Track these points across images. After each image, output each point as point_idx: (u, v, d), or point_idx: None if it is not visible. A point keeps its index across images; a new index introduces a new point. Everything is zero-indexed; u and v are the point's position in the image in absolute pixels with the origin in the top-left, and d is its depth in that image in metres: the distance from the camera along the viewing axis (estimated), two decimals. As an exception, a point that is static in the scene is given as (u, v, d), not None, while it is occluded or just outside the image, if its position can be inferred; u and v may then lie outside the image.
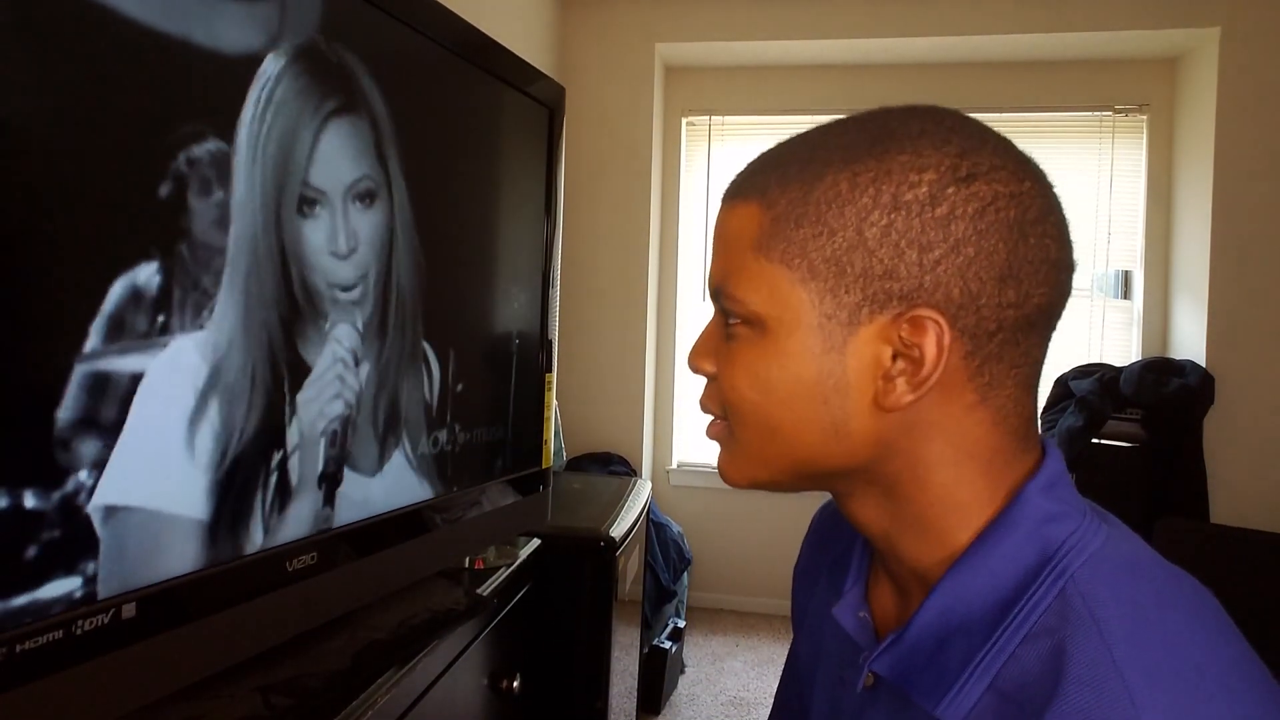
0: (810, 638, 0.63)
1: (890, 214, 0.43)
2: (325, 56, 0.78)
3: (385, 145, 0.87)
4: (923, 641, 0.46)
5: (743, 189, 0.49)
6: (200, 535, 0.68)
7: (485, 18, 1.55)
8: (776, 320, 0.46)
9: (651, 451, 3.49)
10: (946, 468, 0.46)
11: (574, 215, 3.18)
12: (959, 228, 0.42)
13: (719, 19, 3.17)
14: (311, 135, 0.76)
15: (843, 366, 0.45)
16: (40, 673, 0.55)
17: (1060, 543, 0.43)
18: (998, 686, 0.41)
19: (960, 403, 0.45)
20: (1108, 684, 0.37)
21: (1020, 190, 0.43)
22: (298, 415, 0.77)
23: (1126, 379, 2.81)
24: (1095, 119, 3.22)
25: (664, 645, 2.58)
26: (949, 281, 0.42)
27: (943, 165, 0.43)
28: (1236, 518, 2.69)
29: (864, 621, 0.53)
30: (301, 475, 0.79)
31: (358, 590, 0.90)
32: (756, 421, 0.48)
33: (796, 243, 0.45)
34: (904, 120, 0.45)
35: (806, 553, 0.67)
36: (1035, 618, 0.42)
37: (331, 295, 0.80)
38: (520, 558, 1.34)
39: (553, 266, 1.29)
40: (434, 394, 1.00)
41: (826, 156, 0.45)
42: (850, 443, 0.46)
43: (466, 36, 1.03)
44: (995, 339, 0.43)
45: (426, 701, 0.95)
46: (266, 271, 0.72)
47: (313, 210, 0.77)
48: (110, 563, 0.60)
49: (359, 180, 0.83)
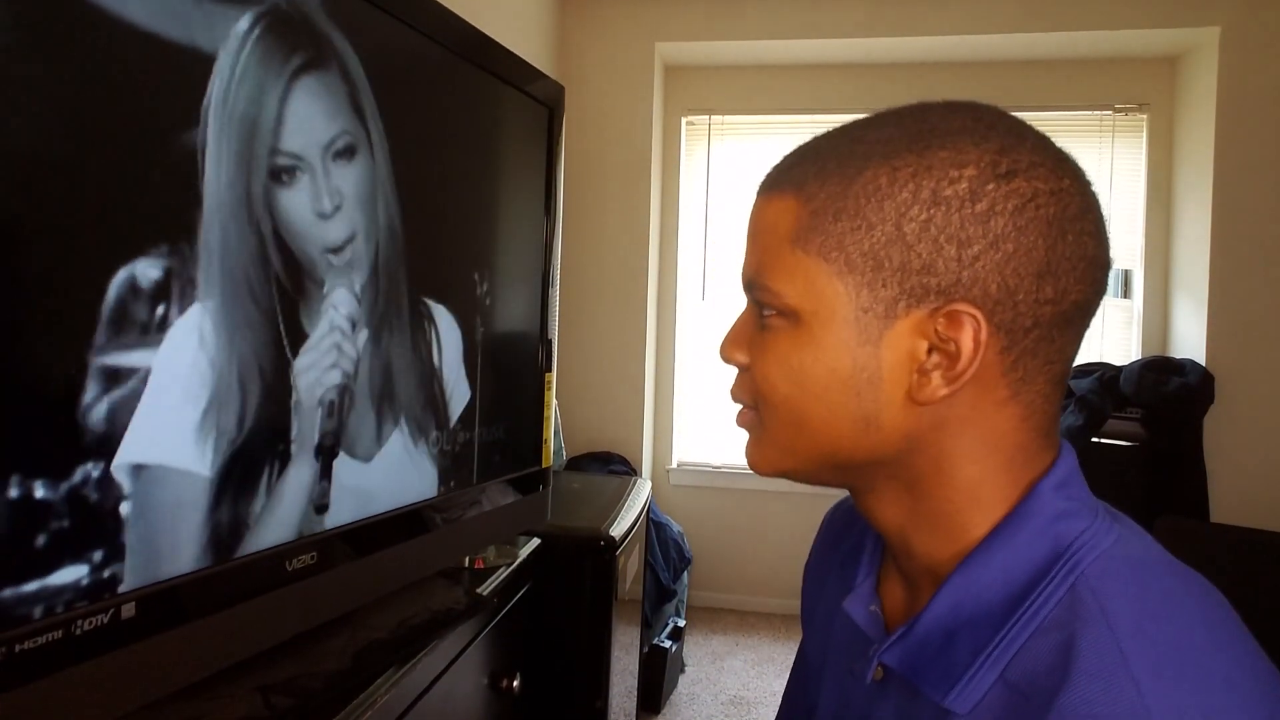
0: (819, 634, 0.63)
1: (930, 209, 0.43)
2: (290, 16, 0.75)
3: (363, 103, 0.85)
4: (933, 634, 0.46)
5: (779, 182, 0.49)
6: (208, 493, 0.70)
7: (485, 17, 1.55)
8: (812, 313, 0.46)
9: (651, 451, 3.49)
10: (972, 464, 0.46)
11: (574, 215, 3.18)
12: (998, 223, 0.42)
13: (719, 19, 3.17)
14: (277, 100, 0.73)
15: (877, 360, 0.45)
16: (40, 673, 0.55)
17: (1072, 539, 0.44)
18: (1007, 678, 0.42)
19: (992, 398, 0.45)
20: (1116, 677, 0.38)
21: (1060, 187, 0.43)
22: (297, 385, 0.78)
23: (1126, 378, 2.81)
24: (1095, 118, 3.21)
25: (664, 645, 2.58)
26: (987, 277, 0.43)
27: (983, 161, 0.43)
28: (1236, 517, 2.69)
29: (874, 615, 0.53)
30: (300, 444, 0.79)
31: (358, 590, 0.90)
32: (788, 412, 0.48)
33: (834, 236, 0.45)
34: (944, 116, 0.46)
35: (818, 551, 0.67)
36: (1046, 612, 0.42)
37: (325, 261, 0.80)
38: (520, 557, 1.34)
39: (552, 266, 1.29)
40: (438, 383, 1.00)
41: (866, 151, 0.45)
42: (880, 435, 0.46)
43: (466, 36, 1.03)
44: (1031, 335, 0.44)
45: (426, 701, 0.95)
46: (248, 246, 0.71)
47: (292, 177, 0.75)
48: (135, 520, 0.63)
49: (336, 137, 0.81)
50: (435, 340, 1.00)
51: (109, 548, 0.61)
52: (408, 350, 0.95)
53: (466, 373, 1.07)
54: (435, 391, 1.01)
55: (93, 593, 0.59)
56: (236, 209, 0.70)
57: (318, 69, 0.78)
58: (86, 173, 0.58)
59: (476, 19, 1.09)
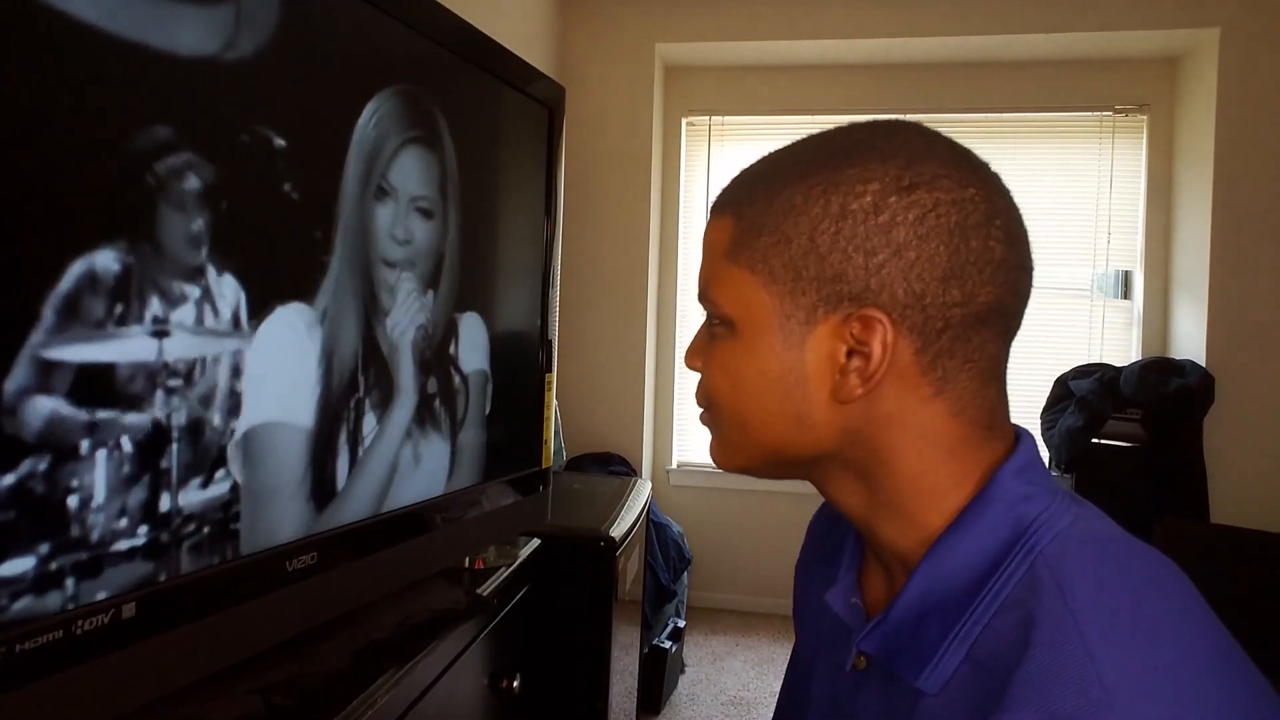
0: (809, 631, 0.65)
1: (838, 222, 0.47)
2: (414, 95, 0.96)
3: (448, 185, 1.03)
4: (906, 619, 0.48)
5: (721, 203, 0.54)
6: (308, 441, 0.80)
7: (485, 18, 1.55)
8: (744, 320, 0.50)
9: (651, 451, 3.49)
10: (910, 455, 0.49)
11: (574, 215, 3.18)
12: (900, 233, 0.46)
13: (719, 19, 3.17)
14: (391, 152, 0.93)
15: (802, 362, 0.49)
16: (40, 673, 0.55)
17: (1031, 520, 0.46)
18: (973, 656, 0.44)
19: (916, 395, 0.48)
20: (1069, 644, 0.40)
21: (963, 197, 0.46)
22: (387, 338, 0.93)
23: (1126, 379, 2.81)
24: (1095, 119, 3.22)
25: (664, 645, 2.58)
26: (893, 283, 0.46)
27: (887, 176, 0.46)
28: (1236, 518, 2.69)
29: (855, 606, 0.55)
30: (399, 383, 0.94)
31: (358, 590, 0.90)
32: (731, 413, 0.53)
33: (759, 250, 0.49)
34: (861, 136, 0.49)
35: (806, 551, 0.69)
36: (1007, 591, 0.44)
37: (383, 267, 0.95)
38: (520, 558, 1.34)
39: (553, 266, 1.29)
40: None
41: (787, 172, 0.50)
42: (815, 433, 0.50)
43: (466, 36, 1.04)
44: (944, 335, 0.47)
45: (426, 701, 0.95)
46: (360, 240, 0.88)
47: (384, 198, 0.92)
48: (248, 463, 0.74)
49: (419, 197, 0.98)
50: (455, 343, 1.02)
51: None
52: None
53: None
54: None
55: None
56: (356, 211, 0.87)
57: (424, 145, 0.97)
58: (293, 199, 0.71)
59: (476, 19, 1.09)
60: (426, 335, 0.99)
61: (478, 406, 1.10)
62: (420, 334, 0.98)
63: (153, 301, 0.64)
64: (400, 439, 0.95)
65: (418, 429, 0.98)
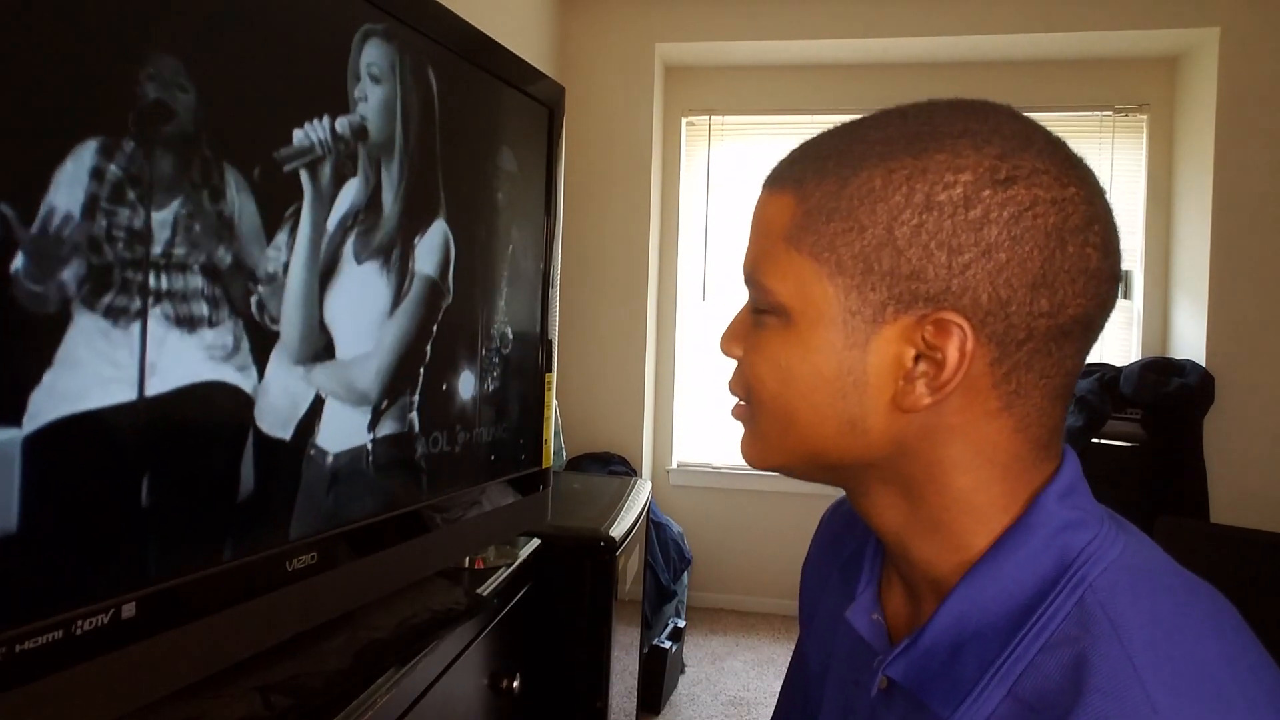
0: (821, 637, 0.62)
1: (922, 214, 0.42)
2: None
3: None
4: (938, 647, 0.45)
5: (781, 178, 0.48)
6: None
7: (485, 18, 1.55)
8: (801, 312, 0.46)
9: (651, 451, 3.49)
10: (964, 473, 0.45)
11: (574, 215, 3.18)
12: (992, 232, 0.41)
13: (719, 19, 3.17)
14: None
15: (863, 364, 0.44)
16: (40, 673, 0.55)
17: (1079, 551, 0.43)
18: (1016, 694, 0.41)
19: (983, 409, 0.44)
20: (1130, 693, 0.37)
21: (1063, 196, 0.42)
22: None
23: (1126, 379, 2.81)
24: (1095, 119, 3.22)
25: (664, 645, 2.58)
26: (978, 286, 0.41)
27: (981, 166, 0.42)
28: (1236, 518, 2.69)
29: (877, 625, 0.52)
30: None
31: (358, 590, 0.90)
32: (775, 409, 0.48)
33: (826, 237, 0.45)
34: (949, 117, 0.44)
35: (817, 549, 0.66)
36: (1055, 626, 0.41)
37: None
38: (520, 558, 1.34)
39: (553, 266, 1.29)
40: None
41: (864, 150, 0.45)
42: (867, 439, 0.46)
43: (466, 36, 1.03)
44: (1025, 347, 0.43)
45: (426, 701, 0.95)
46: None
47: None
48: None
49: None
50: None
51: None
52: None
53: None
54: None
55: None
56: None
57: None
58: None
59: (476, 19, 1.09)
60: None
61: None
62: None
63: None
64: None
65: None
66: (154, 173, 0.63)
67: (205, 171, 0.68)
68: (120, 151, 0.60)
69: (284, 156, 0.76)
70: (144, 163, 0.62)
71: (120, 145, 0.60)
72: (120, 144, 0.60)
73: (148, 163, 0.63)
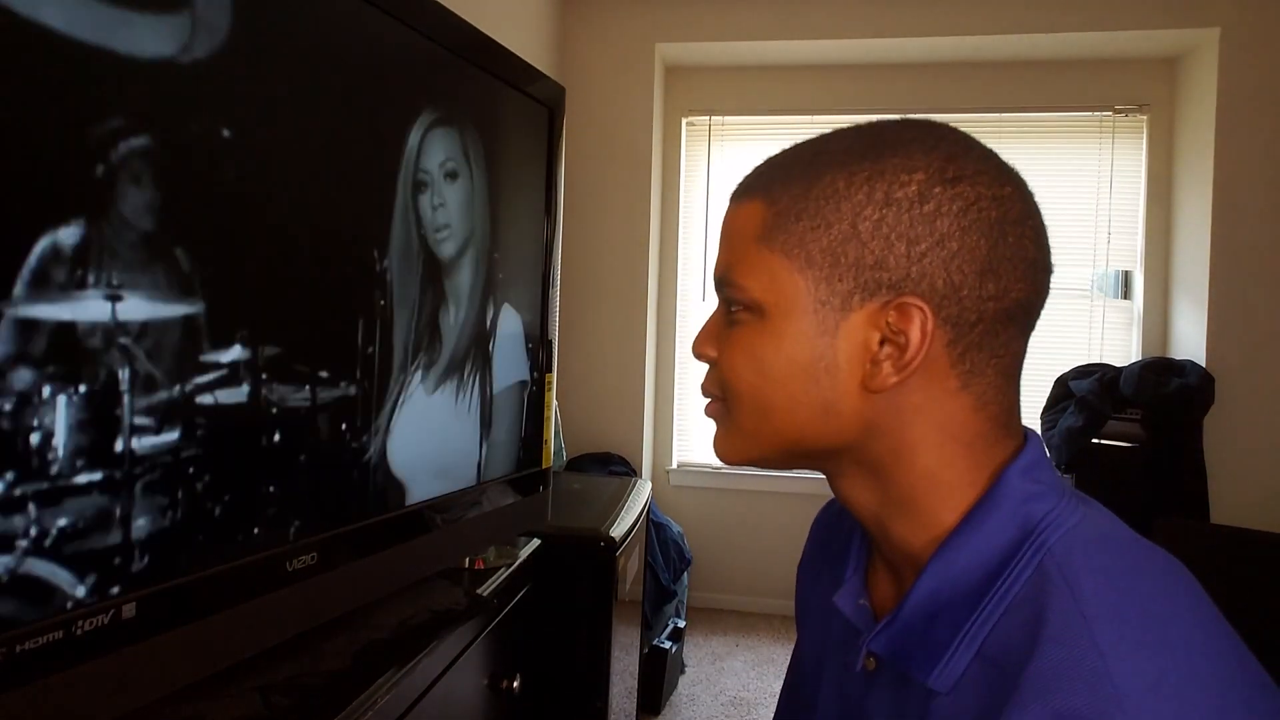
0: (815, 632, 0.65)
1: (882, 209, 0.47)
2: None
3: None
4: (916, 619, 0.49)
5: (749, 188, 0.53)
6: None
7: (485, 18, 1.55)
8: (774, 305, 0.50)
9: (651, 451, 3.49)
10: (930, 450, 0.49)
11: (574, 215, 3.18)
12: (944, 223, 0.46)
13: (719, 19, 3.17)
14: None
15: (834, 349, 0.48)
16: (40, 673, 0.55)
17: (1039, 519, 0.47)
18: (984, 653, 0.44)
19: (943, 388, 0.48)
20: (1078, 642, 0.40)
21: (1001, 193, 0.47)
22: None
23: (1126, 379, 2.81)
24: (1095, 119, 3.22)
25: (664, 645, 2.58)
26: (934, 273, 0.46)
27: (931, 167, 0.47)
28: (1236, 518, 2.69)
29: (863, 608, 0.55)
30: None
31: (358, 590, 0.90)
32: (753, 400, 0.51)
33: (796, 234, 0.49)
34: (898, 129, 0.50)
35: (810, 550, 0.69)
36: (1016, 589, 0.45)
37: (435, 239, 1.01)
38: (520, 558, 1.34)
39: (553, 266, 1.29)
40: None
41: (826, 159, 0.50)
42: (839, 422, 0.49)
43: (466, 36, 1.03)
44: (976, 329, 0.47)
45: (426, 701, 0.95)
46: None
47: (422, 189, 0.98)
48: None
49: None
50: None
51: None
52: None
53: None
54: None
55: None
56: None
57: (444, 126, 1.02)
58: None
59: (476, 19, 1.09)
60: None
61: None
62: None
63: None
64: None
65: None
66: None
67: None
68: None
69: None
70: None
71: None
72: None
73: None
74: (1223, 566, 2.27)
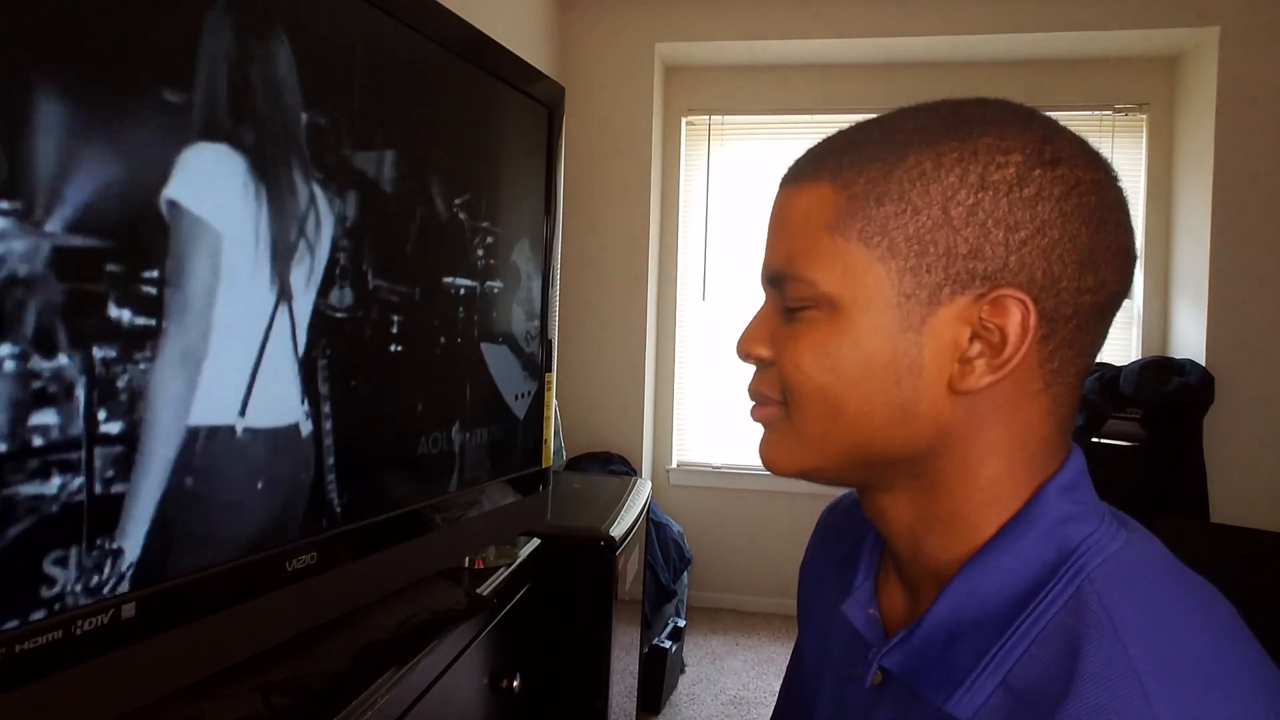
0: (816, 635, 0.62)
1: (977, 193, 0.43)
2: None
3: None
4: (935, 637, 0.45)
5: (810, 171, 0.48)
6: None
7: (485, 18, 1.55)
8: (850, 299, 0.45)
9: (651, 451, 3.49)
10: (999, 459, 0.45)
11: (574, 215, 3.18)
12: (1045, 209, 0.42)
13: (719, 19, 3.17)
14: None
15: (919, 347, 0.44)
16: (40, 673, 0.55)
17: (1078, 543, 0.43)
18: (1009, 683, 0.41)
19: (1027, 389, 0.44)
20: (1123, 683, 0.37)
21: (1098, 178, 0.44)
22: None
23: (1126, 378, 2.81)
24: (1095, 118, 3.21)
25: (664, 645, 2.58)
26: (1033, 263, 0.42)
27: (1028, 148, 0.43)
28: (1236, 517, 2.69)
29: (873, 618, 0.52)
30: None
31: (358, 590, 0.90)
32: (821, 403, 0.46)
33: (877, 220, 0.44)
34: (978, 106, 0.46)
35: (813, 550, 0.67)
36: (1050, 616, 0.42)
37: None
38: (520, 558, 1.34)
39: (553, 266, 1.29)
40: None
41: (905, 138, 0.45)
42: (915, 426, 0.45)
43: (466, 36, 1.03)
44: (1070, 324, 0.44)
45: (426, 701, 0.95)
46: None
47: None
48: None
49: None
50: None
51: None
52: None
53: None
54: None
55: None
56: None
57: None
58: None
59: (476, 19, 1.09)
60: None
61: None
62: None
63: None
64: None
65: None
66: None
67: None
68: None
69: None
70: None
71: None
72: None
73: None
74: (1223, 566, 2.27)
